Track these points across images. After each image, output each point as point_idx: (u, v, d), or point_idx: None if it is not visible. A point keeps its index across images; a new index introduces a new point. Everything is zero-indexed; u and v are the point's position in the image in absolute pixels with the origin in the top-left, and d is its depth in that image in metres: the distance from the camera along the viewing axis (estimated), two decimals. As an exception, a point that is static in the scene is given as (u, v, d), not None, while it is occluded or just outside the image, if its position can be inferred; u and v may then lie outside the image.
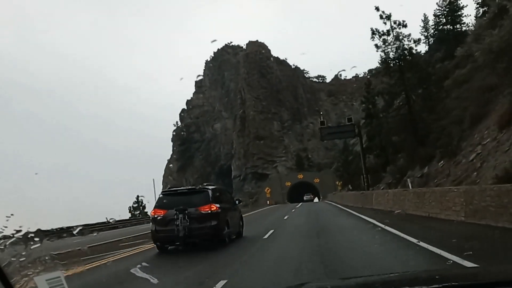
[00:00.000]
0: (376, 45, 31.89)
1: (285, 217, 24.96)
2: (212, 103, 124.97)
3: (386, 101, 33.47)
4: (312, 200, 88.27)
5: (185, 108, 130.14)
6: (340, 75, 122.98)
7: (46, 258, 2.75)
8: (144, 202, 52.84)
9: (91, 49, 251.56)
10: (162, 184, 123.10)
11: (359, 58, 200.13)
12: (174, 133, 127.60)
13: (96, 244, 14.72)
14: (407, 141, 31.41)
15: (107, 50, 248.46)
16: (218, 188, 13.31)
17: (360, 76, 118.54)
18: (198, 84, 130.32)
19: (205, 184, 13.11)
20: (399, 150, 34.14)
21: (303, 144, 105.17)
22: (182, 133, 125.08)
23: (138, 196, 51.23)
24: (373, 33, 31.89)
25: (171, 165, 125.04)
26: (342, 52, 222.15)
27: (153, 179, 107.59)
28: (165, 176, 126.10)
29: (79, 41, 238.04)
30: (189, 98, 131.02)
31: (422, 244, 8.60)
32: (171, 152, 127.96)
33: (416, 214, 15.73)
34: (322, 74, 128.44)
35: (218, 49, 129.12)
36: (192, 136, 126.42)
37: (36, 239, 2.69)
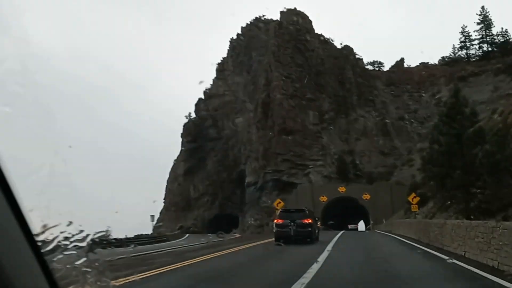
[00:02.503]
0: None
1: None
2: (235, 91, 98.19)
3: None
4: (356, 228, 64.78)
5: (202, 98, 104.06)
6: (403, 60, 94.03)
7: (98, 265, 2.57)
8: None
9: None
10: (165, 191, 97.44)
11: (427, 43, 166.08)
12: (184, 127, 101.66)
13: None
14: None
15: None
16: (308, 209, 24.48)
17: (430, 63, 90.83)
18: (220, 67, 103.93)
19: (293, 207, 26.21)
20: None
21: (348, 145, 75.12)
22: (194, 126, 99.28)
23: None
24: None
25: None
26: (407, 36, 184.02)
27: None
28: (169, 181, 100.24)
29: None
30: (209, 86, 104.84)
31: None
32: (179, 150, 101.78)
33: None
34: (378, 60, 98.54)
35: (247, 23, 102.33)
36: (207, 132, 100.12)
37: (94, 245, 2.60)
